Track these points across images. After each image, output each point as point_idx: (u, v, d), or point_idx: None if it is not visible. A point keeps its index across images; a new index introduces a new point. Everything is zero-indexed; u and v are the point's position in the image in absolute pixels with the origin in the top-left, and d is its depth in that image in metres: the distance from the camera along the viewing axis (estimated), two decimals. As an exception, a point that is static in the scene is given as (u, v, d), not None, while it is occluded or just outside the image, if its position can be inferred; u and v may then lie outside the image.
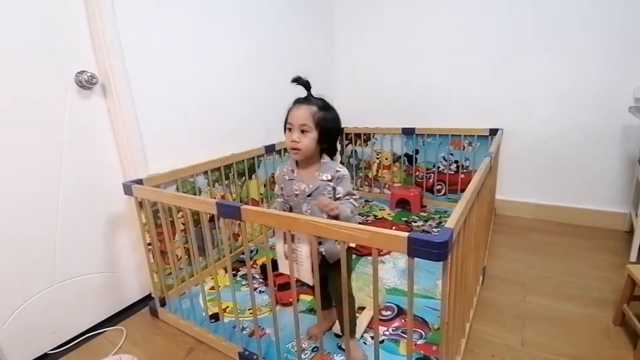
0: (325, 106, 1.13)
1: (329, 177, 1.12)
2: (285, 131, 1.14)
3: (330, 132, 1.13)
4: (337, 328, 1.39)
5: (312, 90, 1.15)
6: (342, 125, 1.25)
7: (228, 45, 1.94)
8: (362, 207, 2.78)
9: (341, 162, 3.12)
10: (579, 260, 1.89)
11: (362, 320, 1.44)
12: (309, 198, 1.14)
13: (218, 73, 1.90)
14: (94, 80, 1.40)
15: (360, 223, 0.93)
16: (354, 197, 1.12)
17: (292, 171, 1.18)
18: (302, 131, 1.09)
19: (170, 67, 1.65)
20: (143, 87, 1.54)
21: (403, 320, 1.45)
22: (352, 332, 1.26)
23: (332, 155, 1.20)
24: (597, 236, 2.16)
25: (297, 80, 1.12)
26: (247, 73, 2.09)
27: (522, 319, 1.46)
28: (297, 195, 1.16)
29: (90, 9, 1.37)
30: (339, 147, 1.26)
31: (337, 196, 1.12)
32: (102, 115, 1.49)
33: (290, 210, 1.21)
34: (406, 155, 2.81)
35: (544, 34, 2.19)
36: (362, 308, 1.52)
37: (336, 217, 1.04)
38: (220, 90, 1.93)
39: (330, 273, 1.17)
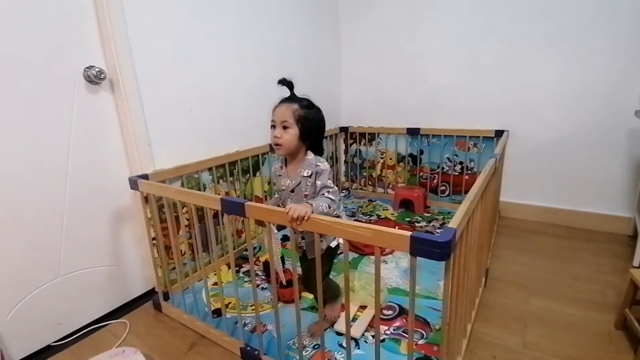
0: (307, 105, 1.19)
1: (310, 173, 1.16)
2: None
3: (311, 129, 1.18)
4: (338, 326, 1.40)
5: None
6: (348, 124, 1.27)
7: (235, 42, 1.95)
8: (366, 206, 2.78)
9: (345, 161, 3.12)
10: (582, 264, 1.88)
11: (364, 319, 1.45)
12: (292, 194, 1.20)
13: (224, 70, 1.91)
14: (103, 75, 1.41)
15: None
16: (330, 189, 1.13)
17: (281, 167, 1.25)
18: (284, 127, 1.15)
19: (178, 64, 1.66)
20: (150, 83, 1.55)
21: (404, 320, 1.46)
22: (331, 299, 1.39)
23: (317, 153, 1.23)
24: (600, 240, 2.15)
25: (282, 82, 1.19)
26: (253, 71, 2.09)
27: (523, 321, 1.46)
28: (283, 190, 1.23)
29: (99, 4, 1.38)
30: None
31: (317, 190, 1.15)
32: (110, 110, 1.50)
33: (283, 205, 1.25)
34: (410, 155, 2.81)
35: (550, 36, 2.18)
36: (363, 307, 1.53)
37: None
38: (226, 87, 1.94)
39: (309, 267, 1.24)
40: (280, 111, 1.16)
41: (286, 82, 1.20)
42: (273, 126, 1.18)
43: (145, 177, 1.48)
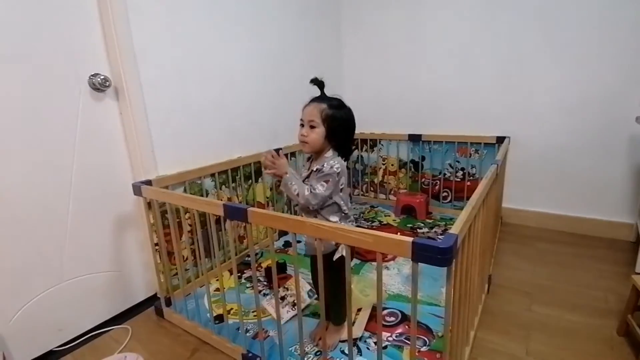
0: (337, 105, 1.19)
1: (316, 169, 1.18)
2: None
3: (338, 129, 1.19)
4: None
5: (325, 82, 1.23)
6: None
7: (237, 50, 1.97)
8: (368, 212, 2.78)
9: (347, 168, 3.12)
10: (585, 270, 1.88)
11: (361, 320, 1.47)
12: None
13: (227, 77, 1.93)
14: (107, 83, 1.43)
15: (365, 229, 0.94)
16: (313, 191, 1.14)
17: (308, 160, 1.30)
18: (311, 127, 1.17)
19: (181, 71, 1.68)
20: (154, 90, 1.56)
21: (407, 327, 1.45)
22: (336, 320, 1.36)
23: (344, 154, 1.24)
24: (603, 246, 2.14)
25: (313, 81, 1.20)
26: (255, 77, 2.11)
27: (527, 329, 1.46)
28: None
29: (104, 12, 1.40)
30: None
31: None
32: (114, 117, 1.52)
33: None
34: (412, 161, 2.81)
35: (551, 41, 2.19)
36: (359, 309, 1.54)
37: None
38: (229, 94, 1.95)
39: (312, 265, 1.29)
40: (308, 110, 1.18)
41: (317, 82, 1.21)
42: (302, 125, 1.20)
43: (148, 182, 1.49)
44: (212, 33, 1.82)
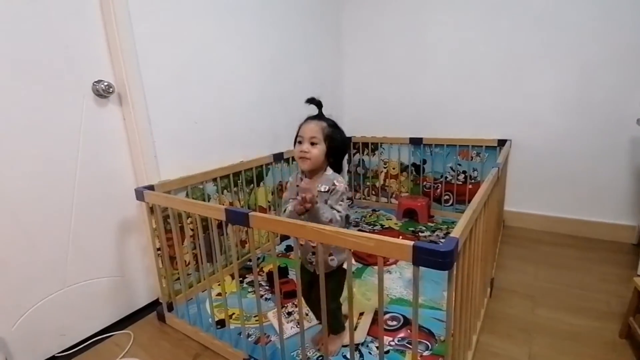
0: (333, 124, 1.24)
1: (327, 189, 1.18)
2: (295, 144, 1.23)
3: (336, 148, 1.22)
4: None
5: (322, 102, 1.26)
6: (351, 134, 1.31)
7: (239, 55, 1.99)
8: (369, 216, 2.78)
9: (348, 171, 3.13)
10: (587, 273, 1.87)
11: (364, 324, 1.46)
12: None
13: (229, 83, 1.94)
14: (111, 89, 1.44)
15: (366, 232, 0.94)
16: (339, 213, 1.15)
17: (301, 179, 1.25)
18: (312, 143, 1.18)
19: (183, 77, 1.70)
20: (157, 96, 1.58)
21: (409, 331, 1.45)
22: (335, 330, 1.36)
23: (337, 170, 1.26)
24: (605, 249, 2.14)
25: (311, 101, 1.23)
26: (257, 83, 2.13)
27: (529, 332, 1.45)
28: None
29: (107, 19, 1.42)
30: (345, 165, 1.29)
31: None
32: (117, 123, 1.53)
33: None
34: (414, 165, 2.82)
35: (552, 44, 2.20)
36: (361, 314, 1.54)
37: (308, 211, 1.06)
38: (231, 100, 1.96)
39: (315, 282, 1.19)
40: (309, 127, 1.19)
41: (315, 101, 1.24)
42: (300, 142, 1.21)
43: (151, 188, 1.50)
44: (214, 39, 1.83)
